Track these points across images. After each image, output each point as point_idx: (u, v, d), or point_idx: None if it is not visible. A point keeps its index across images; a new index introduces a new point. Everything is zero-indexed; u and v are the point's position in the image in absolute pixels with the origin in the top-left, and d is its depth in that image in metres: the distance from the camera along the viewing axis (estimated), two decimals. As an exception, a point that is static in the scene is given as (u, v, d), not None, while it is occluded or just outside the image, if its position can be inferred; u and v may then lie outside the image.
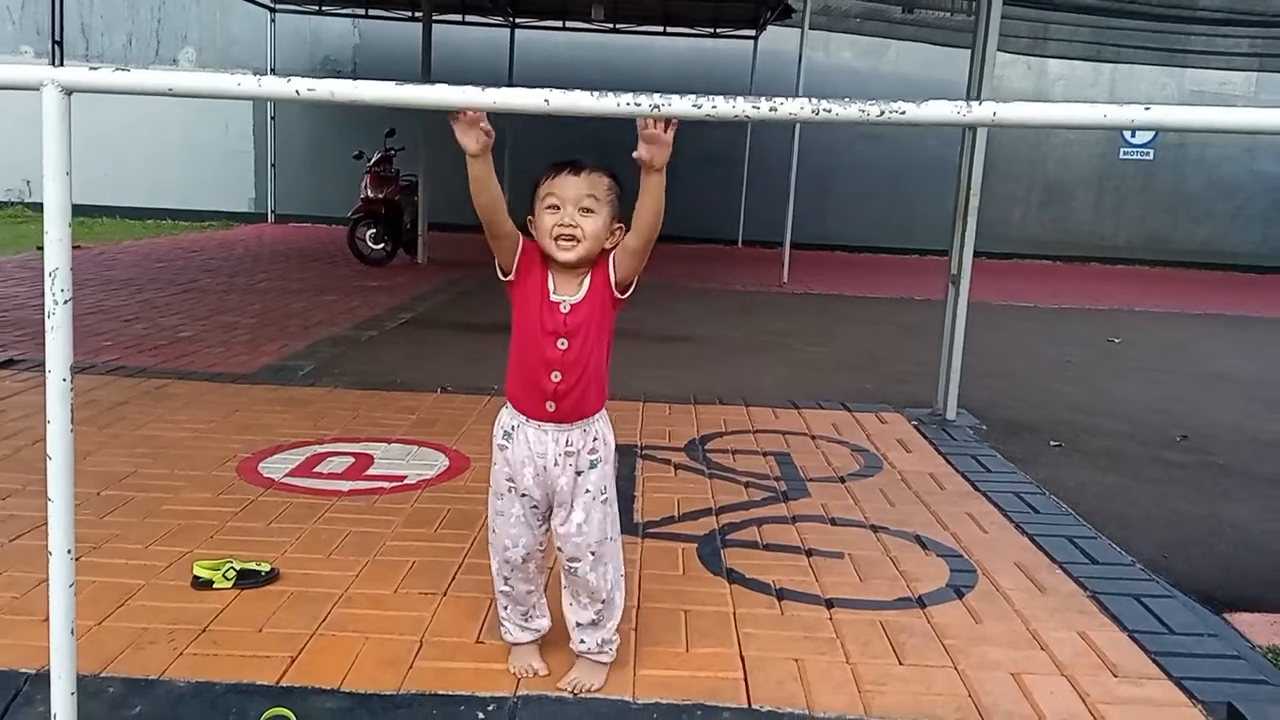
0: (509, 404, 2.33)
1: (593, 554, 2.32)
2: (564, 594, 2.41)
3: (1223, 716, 2.36)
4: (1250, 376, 7.24)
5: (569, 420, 2.28)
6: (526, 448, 2.29)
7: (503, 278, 2.29)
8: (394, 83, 1.97)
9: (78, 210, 1.80)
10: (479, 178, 2.14)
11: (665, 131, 2.06)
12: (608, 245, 2.26)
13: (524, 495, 2.31)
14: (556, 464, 2.28)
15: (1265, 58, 15.05)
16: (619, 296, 2.29)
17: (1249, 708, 2.33)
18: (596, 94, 1.95)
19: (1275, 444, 5.31)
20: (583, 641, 2.38)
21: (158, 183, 15.69)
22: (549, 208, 2.22)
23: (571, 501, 2.31)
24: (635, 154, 2.08)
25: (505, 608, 2.44)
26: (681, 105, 1.95)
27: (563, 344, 2.24)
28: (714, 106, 1.97)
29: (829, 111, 1.97)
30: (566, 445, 2.28)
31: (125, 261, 10.27)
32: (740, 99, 1.98)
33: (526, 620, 2.44)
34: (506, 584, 2.40)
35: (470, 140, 2.09)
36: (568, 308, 2.24)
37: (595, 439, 2.32)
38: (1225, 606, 3.21)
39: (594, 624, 2.37)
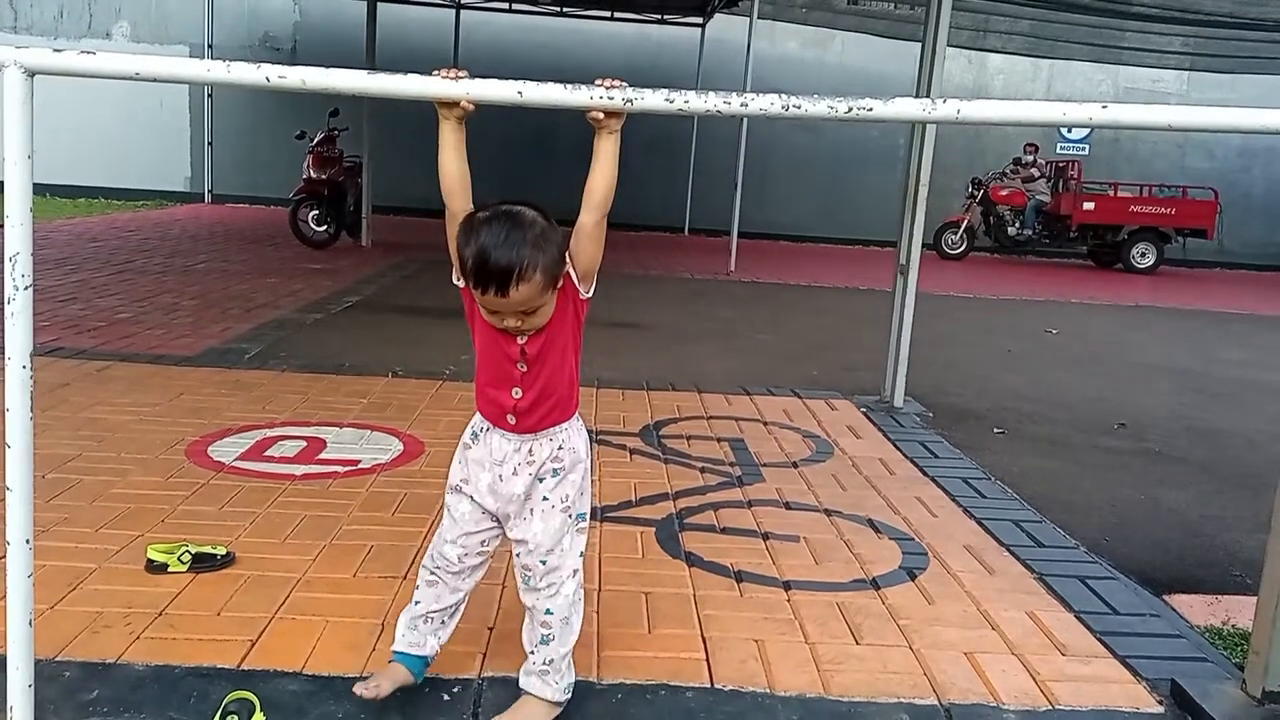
0: (478, 410, 2.20)
1: (543, 563, 2.14)
2: (526, 617, 2.24)
3: (1166, 693, 2.44)
4: (1182, 366, 7.47)
5: (533, 431, 2.13)
6: (489, 453, 2.15)
7: (456, 281, 2.08)
8: (365, 72, 1.96)
9: (1, 187, 1.77)
10: (447, 143, 2.03)
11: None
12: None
13: (473, 499, 2.17)
14: (515, 472, 2.14)
15: (1196, 56, 15.48)
16: (583, 297, 2.09)
17: (1191, 684, 2.42)
18: (569, 87, 1.96)
19: (1208, 432, 5.49)
20: (531, 654, 2.20)
21: (89, 160, 15.26)
22: (488, 312, 2.02)
23: (528, 509, 2.15)
24: (589, 114, 1.97)
25: (417, 602, 2.25)
26: (655, 99, 1.97)
27: (523, 366, 2.08)
28: (686, 101, 1.98)
29: (799, 108, 2.00)
30: (529, 455, 2.14)
31: (58, 240, 10.00)
32: (712, 94, 2.00)
33: (432, 628, 2.25)
34: (433, 575, 2.24)
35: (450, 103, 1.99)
36: (525, 337, 2.05)
37: (561, 448, 2.15)
38: (1164, 588, 3.33)
39: (544, 641, 2.18)
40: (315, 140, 10.67)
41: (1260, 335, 9.68)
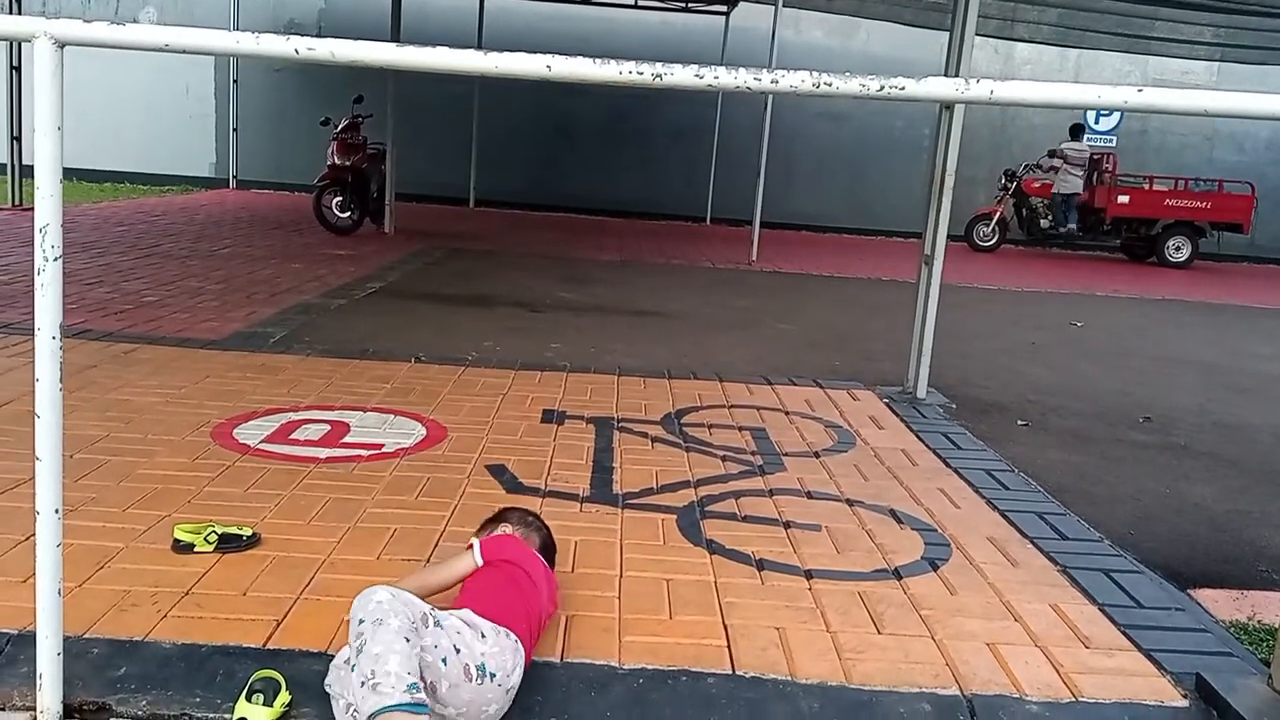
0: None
1: None
2: None
3: (1191, 687, 2.43)
4: (1209, 361, 7.40)
5: None
6: None
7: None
8: (394, 44, 1.97)
9: (30, 171, 1.79)
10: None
11: None
12: None
13: None
14: None
15: (1226, 47, 15.27)
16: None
17: (1216, 678, 2.40)
18: (599, 61, 1.96)
19: (1234, 427, 5.44)
20: None
21: (115, 145, 15.40)
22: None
23: None
24: None
25: None
26: (684, 75, 1.96)
27: None
28: (716, 77, 1.97)
29: (830, 85, 1.99)
30: None
31: (85, 224, 10.07)
32: (742, 70, 1.99)
33: None
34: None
35: None
36: None
37: None
38: (1189, 582, 3.30)
39: None
40: (339, 127, 10.70)
41: (1289, 330, 9.58)
